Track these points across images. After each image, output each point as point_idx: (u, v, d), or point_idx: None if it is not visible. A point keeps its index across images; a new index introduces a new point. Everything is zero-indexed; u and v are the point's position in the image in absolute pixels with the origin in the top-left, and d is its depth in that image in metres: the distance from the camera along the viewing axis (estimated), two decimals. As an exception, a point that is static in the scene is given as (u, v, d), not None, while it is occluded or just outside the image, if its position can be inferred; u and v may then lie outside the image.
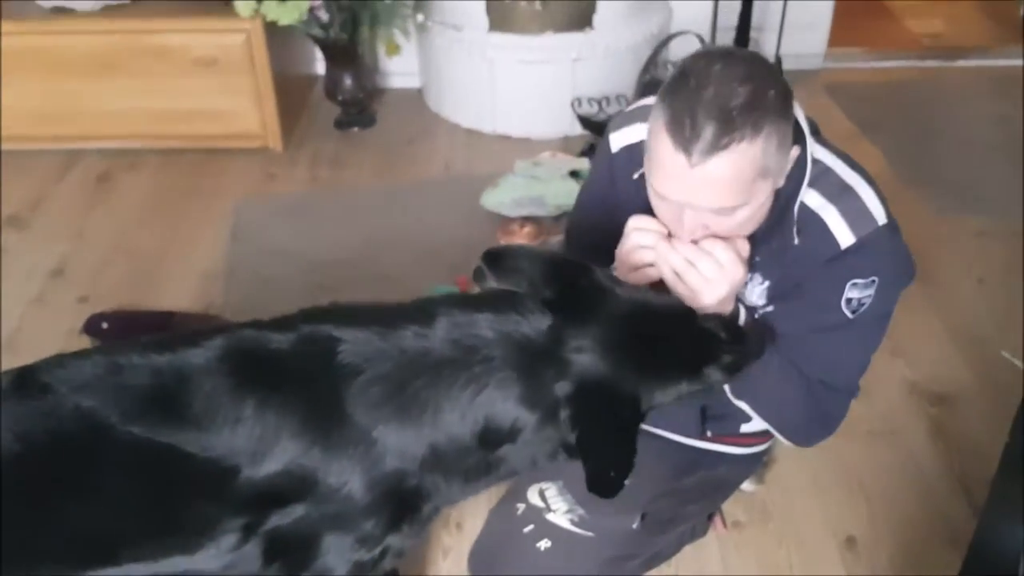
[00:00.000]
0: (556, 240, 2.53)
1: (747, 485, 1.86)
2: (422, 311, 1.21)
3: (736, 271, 1.26)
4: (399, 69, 3.56)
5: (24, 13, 2.97)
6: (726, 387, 1.43)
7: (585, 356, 1.15)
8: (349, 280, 2.52)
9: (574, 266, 1.23)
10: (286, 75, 3.19)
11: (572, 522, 1.55)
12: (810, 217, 1.32)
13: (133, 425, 1.15)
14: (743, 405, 1.47)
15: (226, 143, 3.13)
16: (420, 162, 3.16)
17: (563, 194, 2.74)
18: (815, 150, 1.34)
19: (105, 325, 2.29)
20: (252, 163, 3.10)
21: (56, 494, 1.15)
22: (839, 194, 1.33)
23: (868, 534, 1.82)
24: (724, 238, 1.27)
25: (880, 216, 1.33)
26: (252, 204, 2.90)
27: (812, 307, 1.36)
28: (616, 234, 1.36)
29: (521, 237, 2.67)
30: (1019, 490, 1.43)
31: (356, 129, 3.31)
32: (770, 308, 1.42)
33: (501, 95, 3.24)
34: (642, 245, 1.29)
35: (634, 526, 1.60)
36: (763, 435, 1.66)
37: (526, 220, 2.72)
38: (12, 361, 2.18)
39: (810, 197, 1.33)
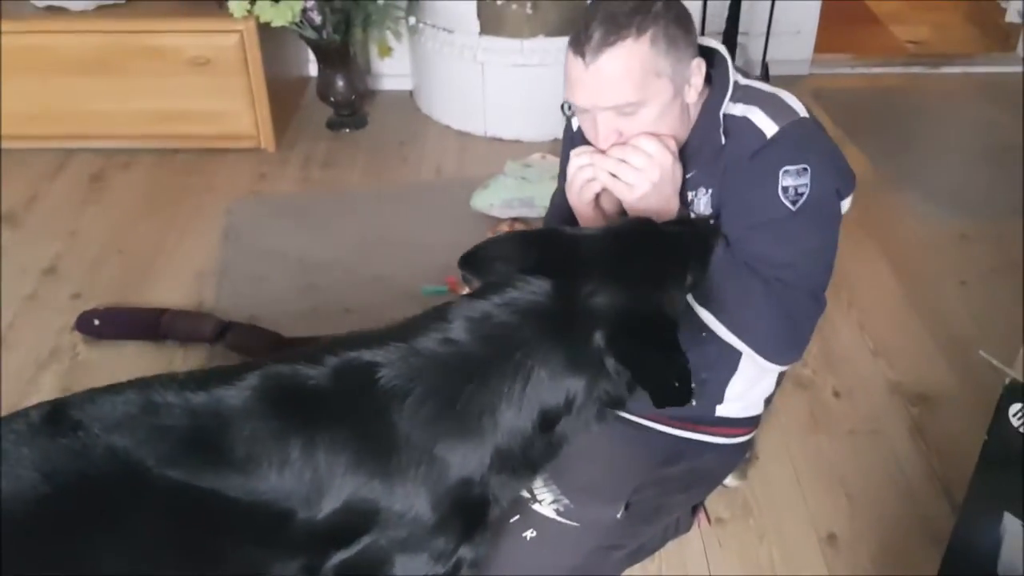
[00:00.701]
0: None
1: (730, 480, 1.90)
2: (436, 318, 1.20)
3: (663, 157, 1.38)
4: (391, 71, 3.59)
5: (18, 12, 2.99)
6: (690, 299, 1.46)
7: (601, 298, 1.17)
8: (340, 280, 2.55)
9: (539, 233, 1.30)
10: (279, 76, 3.22)
11: (557, 512, 1.58)
12: (735, 121, 1.43)
13: (171, 468, 1.11)
14: (708, 316, 1.47)
15: (219, 143, 3.15)
16: (411, 163, 3.19)
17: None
18: (738, 77, 1.46)
19: (97, 322, 2.31)
20: (245, 163, 3.12)
21: (85, 537, 1.09)
22: (761, 99, 1.44)
23: (849, 531, 1.85)
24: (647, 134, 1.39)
25: (801, 111, 1.44)
26: (245, 204, 2.92)
27: (752, 204, 1.42)
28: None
29: (511, 238, 2.69)
30: (996, 488, 1.47)
31: (348, 130, 3.34)
32: (718, 216, 1.48)
33: (492, 98, 3.27)
34: (581, 165, 1.43)
35: (618, 516, 1.63)
36: (746, 423, 1.68)
37: (515, 221, 2.75)
38: (6, 357, 2.23)
39: (735, 108, 1.44)
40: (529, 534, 1.60)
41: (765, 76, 3.34)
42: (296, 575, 1.17)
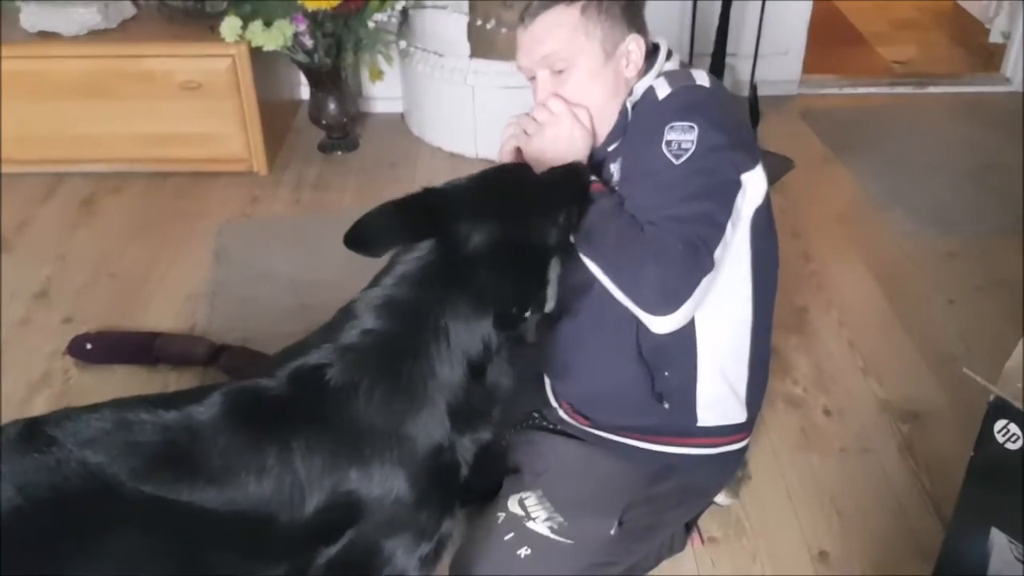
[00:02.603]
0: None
1: (722, 499, 1.90)
2: (346, 316, 1.30)
3: (564, 116, 1.49)
4: (382, 94, 3.61)
5: (9, 37, 3.01)
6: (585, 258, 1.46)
7: (478, 236, 1.26)
8: (331, 301, 2.51)
9: (413, 196, 1.34)
10: (271, 100, 3.24)
11: (551, 529, 1.59)
12: (646, 93, 1.53)
13: (145, 483, 1.13)
14: (592, 266, 1.45)
15: (211, 166, 3.17)
16: (403, 185, 3.20)
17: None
18: (673, 66, 1.57)
19: (89, 346, 2.31)
20: (236, 186, 3.13)
21: (59, 551, 1.10)
22: (673, 75, 1.54)
23: (840, 549, 1.86)
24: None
25: (702, 81, 1.51)
26: (236, 226, 2.93)
27: (639, 158, 1.48)
28: None
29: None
30: (983, 504, 1.48)
31: (340, 153, 3.35)
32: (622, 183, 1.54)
33: (482, 120, 3.30)
34: (508, 123, 1.59)
35: (612, 532, 1.64)
36: (727, 432, 1.67)
37: (507, 242, 2.76)
38: (-3, 381, 2.23)
39: (656, 83, 1.52)
40: (524, 552, 1.60)
41: (754, 96, 3.37)
42: None
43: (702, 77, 1.53)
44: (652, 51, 1.59)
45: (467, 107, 3.28)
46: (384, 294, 1.29)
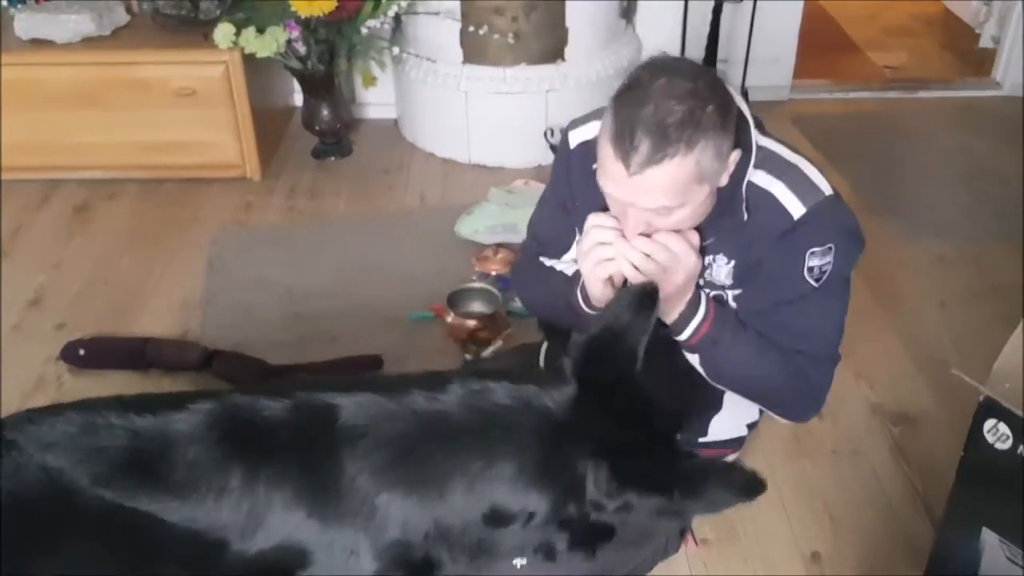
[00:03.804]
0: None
1: (715, 503, 1.91)
2: (433, 377, 1.17)
3: (689, 259, 1.37)
4: (375, 100, 3.62)
5: (2, 44, 3.01)
6: (703, 371, 1.50)
7: (613, 437, 1.12)
8: (326, 308, 2.56)
9: (611, 344, 1.21)
10: (264, 106, 3.25)
11: None
12: (759, 194, 1.42)
13: (104, 489, 1.09)
14: (725, 391, 1.53)
15: (205, 173, 3.17)
16: (396, 191, 3.21)
17: (536, 222, 2.80)
18: (759, 139, 1.44)
19: (82, 352, 2.32)
20: (230, 192, 3.13)
21: (14, 556, 1.08)
22: (784, 171, 1.43)
23: (832, 550, 1.87)
24: (675, 231, 1.36)
25: (825, 188, 1.44)
26: (230, 233, 2.93)
27: (777, 282, 1.44)
28: (569, 226, 1.55)
29: (495, 264, 2.72)
30: (974, 504, 1.49)
31: (333, 159, 3.36)
32: (738, 291, 1.48)
33: (476, 126, 3.31)
34: (601, 242, 1.38)
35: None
36: (729, 445, 1.70)
37: (500, 247, 2.77)
38: (-10, 387, 2.23)
39: (757, 177, 1.42)
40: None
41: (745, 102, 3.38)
42: None
43: (816, 174, 1.44)
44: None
45: (460, 113, 3.29)
46: (488, 389, 1.14)
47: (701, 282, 1.50)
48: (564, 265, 1.66)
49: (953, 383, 2.24)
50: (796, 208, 1.40)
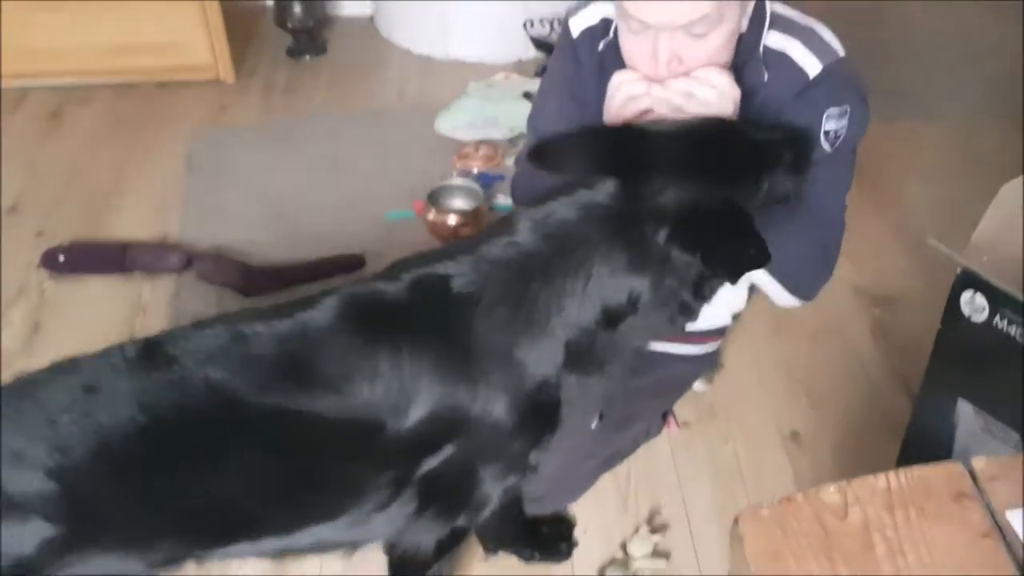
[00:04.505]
0: (510, 161, 2.55)
1: (697, 385, 1.93)
2: (504, 223, 1.22)
3: (734, 91, 1.31)
4: (350, -4, 3.53)
5: (-40, -53, 2.90)
6: None
7: (667, 196, 1.16)
8: (305, 208, 2.54)
9: (611, 129, 1.28)
10: (235, 4, 3.15)
11: None
12: (775, 55, 1.39)
13: (265, 395, 1.12)
14: None
15: (177, 75, 3.10)
16: (374, 89, 3.15)
17: (517, 115, 2.75)
18: (774, 6, 1.41)
19: (62, 258, 2.30)
20: (204, 94, 3.07)
21: (184, 467, 1.12)
22: (800, 31, 1.40)
23: (811, 429, 1.90)
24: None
25: (840, 49, 1.41)
26: (207, 134, 2.88)
27: None
28: (580, 119, 1.46)
29: (477, 160, 2.69)
30: (950, 375, 1.51)
31: (308, 57, 3.28)
32: None
33: (453, 20, 3.22)
34: (633, 95, 1.33)
35: (592, 427, 1.67)
36: (713, 334, 1.72)
37: (481, 143, 2.74)
38: (-31, 296, 2.22)
39: (772, 38, 1.40)
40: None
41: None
42: (386, 487, 1.19)
43: (831, 36, 1.42)
44: None
45: (437, 8, 3.20)
46: (548, 211, 1.20)
47: None
48: None
49: (935, 261, 2.25)
50: (812, 66, 1.38)
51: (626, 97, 1.34)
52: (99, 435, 1.08)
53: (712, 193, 1.18)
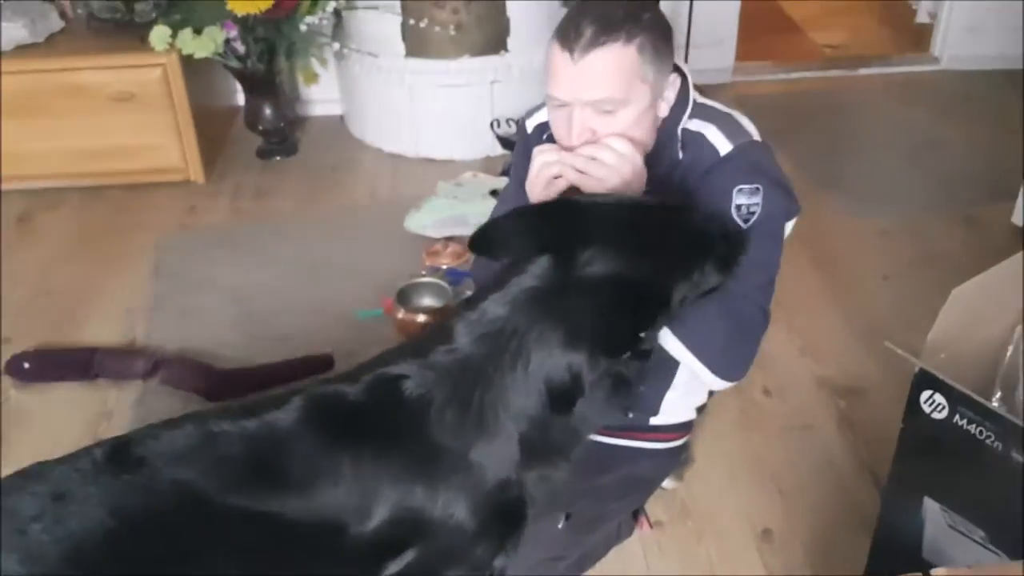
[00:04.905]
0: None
1: (667, 482, 1.93)
2: (441, 330, 1.23)
3: (634, 157, 1.39)
4: (320, 97, 3.59)
5: (-66, 55, 2.94)
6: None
7: (596, 266, 1.18)
8: (275, 308, 2.54)
9: (551, 204, 1.32)
10: (206, 107, 3.21)
11: None
12: (692, 136, 1.49)
13: (233, 496, 1.12)
14: (669, 342, 1.50)
15: (147, 178, 3.13)
16: (345, 188, 3.20)
17: (486, 213, 2.76)
18: (696, 96, 1.52)
19: (27, 365, 2.28)
20: (174, 197, 3.10)
21: (154, 570, 1.11)
22: (718, 117, 1.50)
23: (783, 526, 1.89)
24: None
25: (755, 133, 1.50)
26: (175, 237, 2.90)
27: None
28: None
29: (446, 257, 2.72)
30: (915, 474, 1.52)
31: (279, 158, 3.33)
32: None
33: (422, 119, 3.30)
34: (547, 162, 1.43)
35: (559, 526, 1.66)
36: (679, 429, 1.72)
37: (449, 240, 2.77)
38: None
39: (691, 123, 1.50)
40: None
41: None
42: None
43: (747, 122, 1.52)
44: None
45: (405, 107, 3.28)
46: (481, 312, 1.21)
47: None
48: None
49: (896, 354, 2.31)
50: (724, 145, 1.46)
51: (541, 164, 1.43)
52: (70, 542, 1.07)
53: (639, 272, 1.21)
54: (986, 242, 2.76)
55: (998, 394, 1.57)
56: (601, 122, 1.41)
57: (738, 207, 1.45)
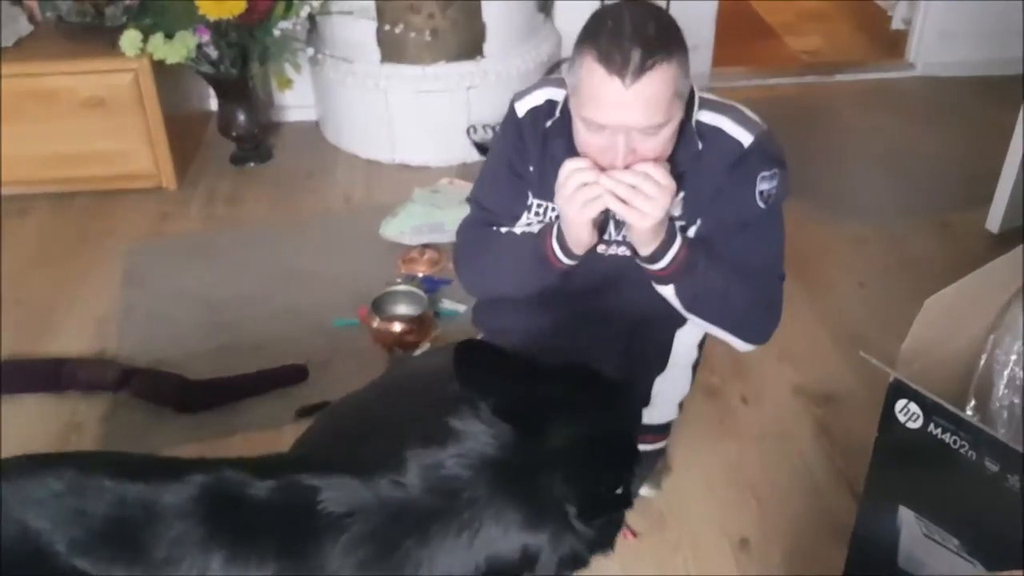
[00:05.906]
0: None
1: (646, 491, 1.92)
2: (392, 457, 1.13)
3: (672, 185, 1.41)
4: (295, 102, 3.56)
5: (-101, 60, 2.89)
6: (678, 303, 1.57)
7: (563, 431, 1.13)
8: (248, 317, 2.51)
9: (521, 362, 1.22)
10: (178, 113, 3.17)
11: None
12: (708, 129, 1.53)
13: (81, 558, 1.04)
14: (695, 319, 1.61)
15: (118, 184, 3.09)
16: (320, 194, 3.17)
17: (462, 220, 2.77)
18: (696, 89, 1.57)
19: (-6, 376, 2.24)
20: (145, 203, 3.06)
21: None
22: (725, 109, 1.56)
23: (760, 534, 1.89)
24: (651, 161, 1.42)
25: (762, 122, 1.59)
26: (146, 245, 2.86)
27: (735, 208, 1.55)
28: (521, 193, 1.62)
29: (422, 265, 2.70)
30: (890, 482, 1.52)
31: (253, 164, 3.30)
32: (697, 222, 1.57)
33: (398, 125, 3.28)
34: (585, 182, 1.41)
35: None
36: (658, 431, 1.73)
37: (426, 248, 2.75)
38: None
39: (703, 116, 1.54)
40: None
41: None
42: None
43: (749, 111, 1.58)
44: None
45: (381, 113, 3.26)
46: (439, 463, 1.11)
47: None
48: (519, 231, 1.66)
49: (872, 362, 2.31)
50: (745, 137, 1.52)
51: (579, 184, 1.41)
52: None
53: (608, 424, 1.18)
54: (961, 248, 2.77)
55: (972, 403, 1.57)
56: (644, 141, 1.40)
57: (760, 192, 1.54)
